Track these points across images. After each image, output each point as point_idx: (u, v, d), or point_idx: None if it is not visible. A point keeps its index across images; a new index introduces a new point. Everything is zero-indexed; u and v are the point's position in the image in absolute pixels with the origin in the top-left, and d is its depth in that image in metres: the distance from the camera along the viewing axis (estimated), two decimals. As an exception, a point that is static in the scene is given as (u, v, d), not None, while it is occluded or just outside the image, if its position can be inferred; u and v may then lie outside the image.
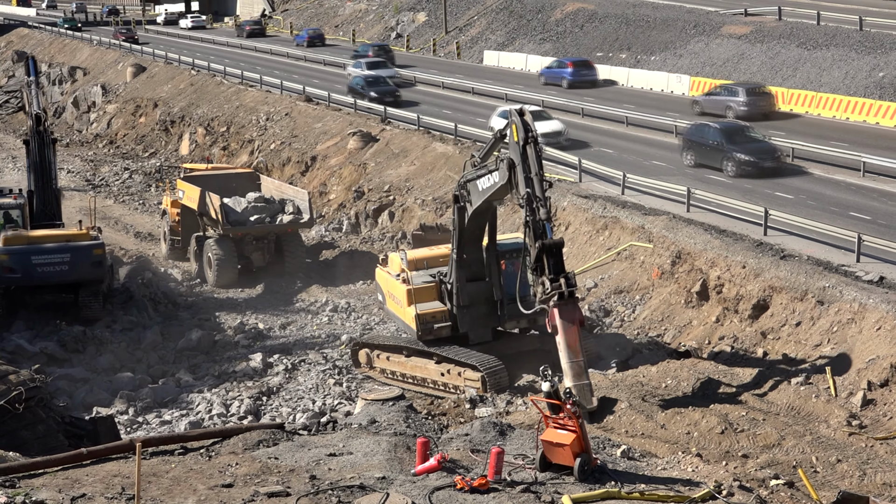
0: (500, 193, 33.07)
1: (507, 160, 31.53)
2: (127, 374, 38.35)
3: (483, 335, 36.22)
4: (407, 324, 36.64)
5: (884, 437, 28.50)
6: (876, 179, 48.53)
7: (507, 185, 31.94)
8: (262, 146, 71.95)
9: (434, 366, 35.67)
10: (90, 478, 21.60)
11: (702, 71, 75.51)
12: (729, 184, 48.33)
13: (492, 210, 35.23)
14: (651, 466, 23.07)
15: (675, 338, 37.82)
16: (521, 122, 31.14)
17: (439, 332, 35.97)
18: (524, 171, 30.72)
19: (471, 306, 35.83)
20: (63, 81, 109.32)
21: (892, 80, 63.65)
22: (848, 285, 34.94)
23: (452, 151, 58.25)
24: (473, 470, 21.79)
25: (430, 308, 36.05)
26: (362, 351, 37.89)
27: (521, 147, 30.91)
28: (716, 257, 39.15)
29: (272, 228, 49.84)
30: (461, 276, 35.56)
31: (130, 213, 64.40)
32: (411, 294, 36.12)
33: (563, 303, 29.49)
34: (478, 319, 36.07)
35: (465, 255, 35.55)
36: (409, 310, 36.13)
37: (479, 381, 34.17)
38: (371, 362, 37.50)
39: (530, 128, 31.11)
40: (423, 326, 35.80)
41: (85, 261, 42.04)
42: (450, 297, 35.92)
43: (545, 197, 30.47)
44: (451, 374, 35.16)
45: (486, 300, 35.94)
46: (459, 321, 35.91)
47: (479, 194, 33.73)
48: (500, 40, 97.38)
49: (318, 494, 20.53)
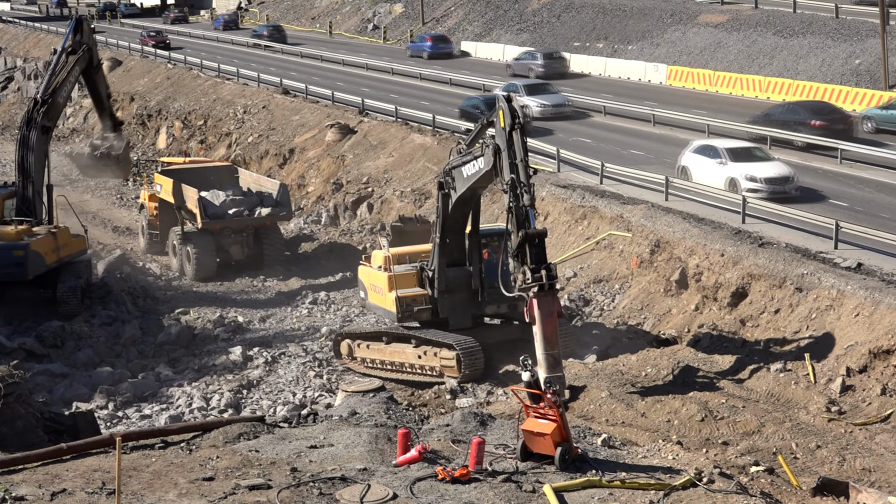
0: (485, 180, 33.06)
1: (493, 146, 31.52)
2: (106, 368, 38.23)
3: (463, 321, 36.30)
4: (387, 310, 36.71)
5: (863, 422, 28.63)
6: (853, 166, 48.71)
7: (491, 171, 31.92)
8: (240, 139, 71.77)
9: (412, 349, 35.80)
10: (70, 473, 21.53)
11: (679, 60, 75.65)
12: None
13: (476, 198, 35.28)
14: (632, 455, 23.10)
15: (654, 326, 37.90)
16: (507, 108, 31.07)
17: (419, 316, 36.16)
18: (509, 156, 30.67)
19: (451, 292, 35.94)
20: (38, 76, 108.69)
21: (868, 68, 63.88)
22: (826, 272, 35.06)
23: (430, 143, 58.21)
24: (455, 460, 21.79)
25: (410, 292, 36.22)
26: (344, 342, 37.88)
27: (507, 133, 30.87)
28: (694, 245, 39.23)
29: (251, 221, 49.71)
30: (442, 261, 35.65)
31: (108, 207, 64.12)
32: (392, 280, 36.22)
33: (543, 294, 29.54)
34: (458, 305, 36.20)
35: (448, 240, 35.60)
36: (389, 295, 36.23)
37: (454, 359, 34.33)
38: (352, 352, 37.49)
39: (517, 114, 31.07)
40: (403, 309, 35.94)
41: (2, 261, 41.76)
42: (430, 283, 36.05)
43: (530, 183, 30.49)
44: (427, 356, 35.31)
45: (466, 286, 36.06)
46: (440, 306, 36.02)
47: (463, 181, 33.73)
48: (477, 31, 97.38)
49: (299, 487, 20.50)
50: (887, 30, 62.29)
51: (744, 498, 19.84)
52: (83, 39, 47.43)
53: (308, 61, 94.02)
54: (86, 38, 47.64)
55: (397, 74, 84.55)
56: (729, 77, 69.59)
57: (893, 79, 61.29)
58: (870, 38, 66.07)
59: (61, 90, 46.18)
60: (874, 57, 63.68)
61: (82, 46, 47.27)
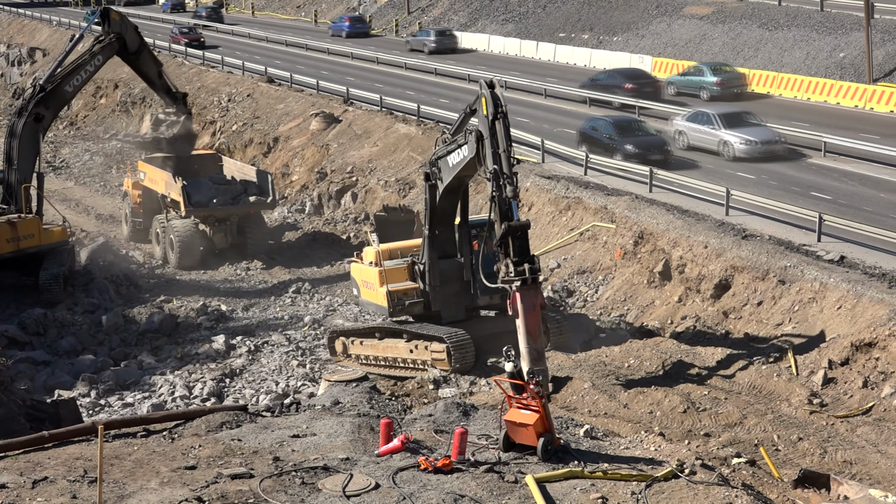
0: (470, 168, 32.70)
1: (476, 131, 31.08)
2: (88, 356, 38.16)
3: (456, 314, 36.05)
4: (379, 305, 36.43)
5: (844, 415, 28.72)
6: (837, 159, 48.84)
7: (475, 158, 31.55)
8: (224, 127, 71.59)
9: (403, 344, 35.56)
10: (52, 461, 21.47)
11: (664, 51, 75.68)
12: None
13: (463, 187, 35.05)
14: (614, 446, 23.12)
15: (637, 318, 37.95)
16: (490, 96, 30.46)
17: (411, 309, 35.90)
18: (492, 145, 30.15)
19: (443, 284, 35.70)
20: (22, 62, 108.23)
21: (852, 61, 64.01)
22: (809, 265, 35.15)
23: (415, 132, 58.15)
24: (437, 450, 21.79)
25: (401, 286, 35.95)
26: (338, 340, 37.44)
27: (489, 121, 30.36)
28: (678, 237, 39.29)
29: (234, 210, 49.60)
30: (433, 254, 35.40)
31: (91, 194, 63.95)
32: (383, 274, 35.95)
33: (525, 288, 29.43)
34: (450, 298, 35.92)
35: (437, 232, 35.33)
36: (381, 290, 35.96)
37: (444, 352, 34.13)
38: (347, 350, 37.13)
39: (500, 102, 30.45)
40: (394, 304, 35.66)
41: None
42: (422, 276, 35.81)
43: (513, 175, 29.98)
44: (418, 350, 35.10)
45: (458, 278, 35.81)
46: (432, 299, 35.78)
47: (449, 170, 33.44)
48: (463, 21, 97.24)
49: (281, 476, 20.48)
50: (871, 23, 62.42)
51: (725, 489, 19.88)
52: (111, 29, 47.21)
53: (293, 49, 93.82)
54: (115, 27, 47.40)
55: (382, 64, 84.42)
56: (714, 69, 69.64)
57: (877, 72, 61.44)
58: (854, 32, 66.20)
59: (70, 79, 45.95)
60: (858, 50, 63.80)
61: (109, 36, 47.02)
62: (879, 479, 25.15)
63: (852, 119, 56.10)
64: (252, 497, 19.53)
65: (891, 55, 62.77)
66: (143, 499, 19.53)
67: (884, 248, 36.21)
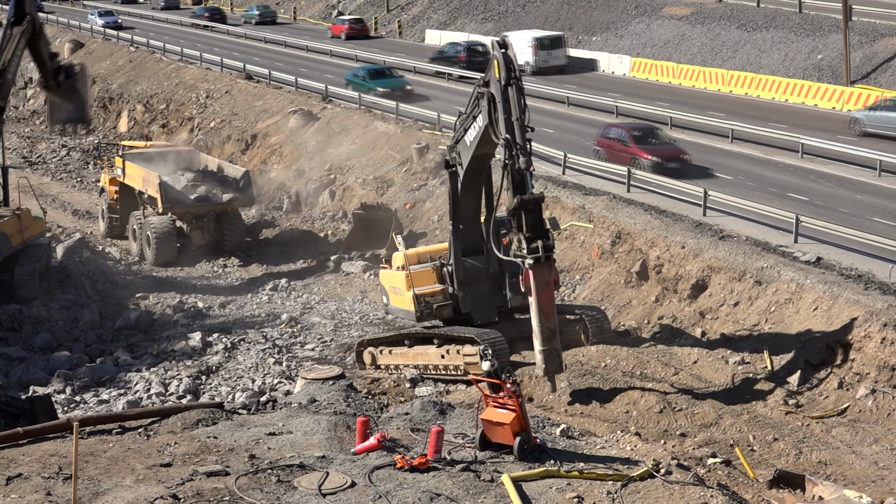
0: (488, 143, 30.97)
1: (487, 94, 29.63)
2: (64, 352, 38.00)
3: (487, 315, 34.39)
4: (407, 310, 34.87)
5: (819, 416, 28.83)
6: (814, 161, 48.99)
7: (490, 128, 29.91)
8: (202, 124, 71.41)
9: (434, 350, 33.49)
10: (27, 457, 21.39)
11: (642, 52, 75.78)
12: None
13: (485, 170, 33.24)
14: (590, 445, 23.15)
15: (614, 317, 37.98)
16: (502, 58, 29.04)
17: (439, 312, 34.38)
18: (504, 111, 28.84)
19: (471, 284, 34.11)
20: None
21: (830, 63, 64.22)
22: (786, 266, 35.27)
23: (394, 131, 58.11)
24: (413, 449, 21.79)
25: (429, 289, 34.48)
26: (366, 351, 35.35)
27: (501, 86, 28.95)
28: (655, 237, 39.36)
29: (212, 207, 49.46)
30: (458, 249, 33.85)
31: (68, 190, 63.72)
32: (409, 278, 34.48)
33: (539, 265, 28.22)
34: (480, 298, 34.31)
35: (461, 227, 33.75)
36: (408, 294, 34.48)
37: (476, 355, 31.66)
38: (375, 361, 35.06)
39: (513, 66, 29.04)
40: (422, 307, 34.20)
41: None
42: (450, 278, 34.32)
43: (526, 145, 28.61)
44: (450, 355, 33.04)
45: (487, 277, 34.24)
46: (461, 301, 34.23)
47: (467, 149, 31.88)
48: (442, 19, 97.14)
49: (257, 474, 20.46)
50: (849, 25, 62.64)
51: (701, 489, 19.93)
52: (26, 10, 45.55)
53: (272, 47, 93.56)
54: (28, 7, 45.73)
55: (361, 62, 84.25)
56: (692, 70, 69.75)
57: (855, 74, 61.65)
58: (832, 34, 66.42)
59: (9, 66, 45.13)
60: (836, 52, 64.02)
61: (26, 17, 45.37)
62: (854, 479, 25.27)
63: (830, 121, 56.28)
64: (228, 495, 19.50)
65: (868, 57, 63.03)
66: (119, 496, 19.48)
67: (860, 250, 36.35)
